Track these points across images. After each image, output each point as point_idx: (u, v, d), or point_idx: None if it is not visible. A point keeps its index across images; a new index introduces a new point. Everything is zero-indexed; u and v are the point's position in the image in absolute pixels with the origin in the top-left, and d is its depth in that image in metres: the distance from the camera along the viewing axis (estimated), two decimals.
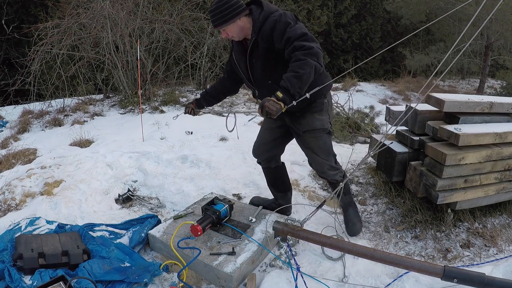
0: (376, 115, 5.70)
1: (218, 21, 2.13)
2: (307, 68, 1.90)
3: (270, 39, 2.11)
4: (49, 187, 3.16)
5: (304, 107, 2.28)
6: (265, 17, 2.13)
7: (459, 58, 10.12)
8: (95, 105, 6.35)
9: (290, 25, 2.04)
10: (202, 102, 2.69)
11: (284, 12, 2.13)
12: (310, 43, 1.97)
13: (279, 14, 2.11)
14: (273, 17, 2.10)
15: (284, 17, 2.08)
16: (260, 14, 2.15)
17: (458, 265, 2.33)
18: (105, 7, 5.75)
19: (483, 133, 2.39)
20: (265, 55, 2.17)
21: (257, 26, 2.14)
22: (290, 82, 1.90)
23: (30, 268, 2.07)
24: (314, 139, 2.41)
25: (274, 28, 2.08)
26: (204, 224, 2.36)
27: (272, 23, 2.09)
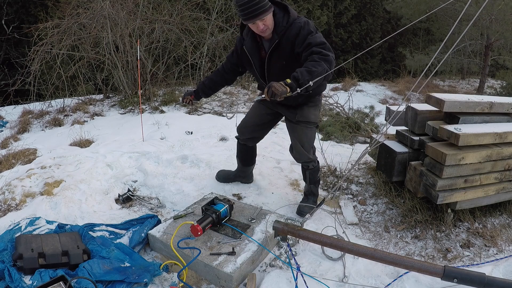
0: (376, 115, 5.69)
1: (259, 10, 2.17)
2: (320, 68, 2.05)
3: (293, 43, 2.28)
4: (49, 187, 3.16)
5: (302, 100, 2.53)
6: (291, 22, 2.28)
7: (459, 58, 10.12)
8: (95, 105, 6.35)
9: (312, 33, 2.23)
10: (201, 94, 2.83)
11: (307, 20, 2.30)
12: (327, 51, 2.15)
13: (304, 21, 2.28)
14: (298, 23, 2.26)
15: (308, 25, 2.27)
16: (284, 17, 2.30)
17: (458, 265, 2.33)
18: (105, 7, 5.75)
19: (483, 133, 2.39)
20: (285, 58, 2.33)
21: (281, 29, 2.28)
22: (301, 73, 2.02)
23: (30, 268, 2.07)
24: (305, 129, 2.64)
25: (298, 34, 2.24)
26: (204, 224, 2.36)
27: (297, 29, 2.25)
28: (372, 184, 3.27)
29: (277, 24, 2.29)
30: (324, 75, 2.07)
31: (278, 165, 3.70)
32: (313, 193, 2.94)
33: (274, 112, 2.81)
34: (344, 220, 2.87)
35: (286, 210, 2.91)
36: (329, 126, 4.94)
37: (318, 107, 2.67)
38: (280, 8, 2.33)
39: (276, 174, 3.49)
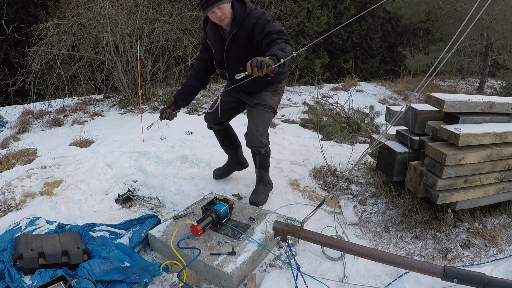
0: (376, 115, 5.68)
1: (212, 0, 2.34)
2: (288, 47, 2.24)
3: (251, 33, 2.46)
4: (49, 187, 3.16)
5: (261, 86, 2.68)
6: (248, 13, 2.47)
7: (459, 58, 10.11)
8: (95, 105, 6.35)
9: (269, 22, 2.42)
10: (180, 103, 2.91)
11: (263, 11, 2.50)
12: (287, 38, 2.33)
13: (260, 12, 2.47)
14: (255, 14, 2.46)
15: (265, 15, 2.46)
16: (241, 9, 2.48)
17: (458, 265, 2.33)
18: (105, 7, 5.75)
19: (483, 133, 2.39)
20: (243, 46, 2.51)
21: (239, 19, 2.47)
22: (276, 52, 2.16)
23: (30, 268, 2.07)
24: (262, 112, 2.74)
25: (255, 23, 2.43)
26: (204, 224, 2.36)
27: (254, 19, 2.44)
28: (372, 184, 3.27)
29: (236, 15, 2.47)
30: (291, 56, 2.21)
31: (278, 165, 3.70)
32: (264, 179, 3.01)
33: (237, 100, 2.92)
34: (344, 220, 2.87)
35: (286, 210, 2.91)
36: (329, 126, 4.94)
37: (278, 94, 2.81)
38: (238, 0, 2.51)
39: (276, 174, 3.49)
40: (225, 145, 3.22)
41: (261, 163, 2.95)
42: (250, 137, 2.74)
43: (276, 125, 5.40)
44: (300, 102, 6.89)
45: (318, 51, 13.04)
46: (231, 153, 3.26)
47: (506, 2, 7.68)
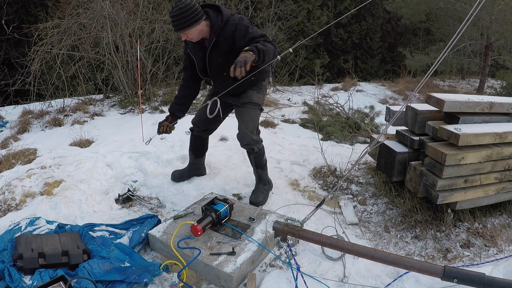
0: (376, 115, 5.67)
1: (181, 25, 2.42)
2: (269, 48, 2.33)
3: (232, 40, 2.49)
4: (49, 187, 3.16)
5: (246, 86, 2.71)
6: (225, 22, 2.50)
7: (459, 58, 10.11)
8: (95, 105, 6.35)
9: (248, 28, 2.46)
10: (177, 114, 2.93)
11: (241, 16, 2.53)
12: (270, 42, 2.40)
13: (238, 17, 2.51)
14: (232, 20, 2.49)
15: (243, 20, 2.49)
16: (218, 17, 2.51)
17: (458, 265, 2.33)
18: (105, 7, 5.75)
19: (483, 133, 2.39)
20: (225, 53, 2.54)
21: (217, 28, 2.50)
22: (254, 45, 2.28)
23: (30, 268, 2.07)
24: (249, 110, 2.79)
25: (235, 30, 2.46)
26: (204, 224, 2.36)
27: (233, 26, 2.47)
28: (372, 184, 3.27)
29: (213, 24, 2.50)
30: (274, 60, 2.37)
31: (278, 165, 3.70)
32: (262, 179, 3.03)
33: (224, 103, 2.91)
34: (344, 220, 2.87)
35: (286, 210, 2.91)
36: (329, 126, 4.94)
37: (262, 91, 2.88)
38: (213, 9, 2.56)
39: (276, 174, 3.49)
40: (193, 151, 3.26)
41: (257, 162, 2.96)
42: (241, 136, 2.79)
43: (276, 125, 5.40)
44: (300, 102, 6.89)
45: (318, 51, 13.04)
46: (195, 160, 3.31)
47: (506, 2, 7.68)
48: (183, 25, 2.41)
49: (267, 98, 7.12)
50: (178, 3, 2.40)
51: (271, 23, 8.83)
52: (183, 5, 2.38)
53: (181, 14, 2.38)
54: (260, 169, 3.00)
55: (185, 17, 2.39)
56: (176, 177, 3.33)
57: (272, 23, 8.85)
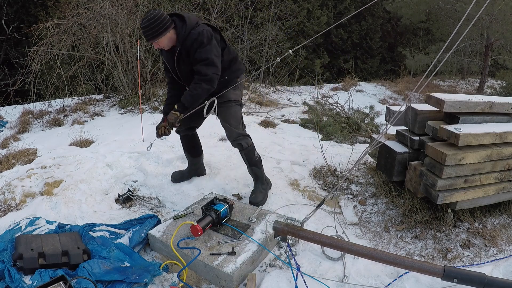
0: (376, 115, 5.67)
1: (152, 35, 2.53)
2: (200, 90, 2.59)
3: (190, 51, 2.63)
4: (49, 187, 3.16)
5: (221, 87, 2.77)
6: (187, 32, 2.60)
7: (459, 58, 10.11)
8: (95, 105, 6.35)
9: (202, 45, 2.57)
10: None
11: (201, 31, 2.59)
12: (207, 69, 2.58)
13: (198, 32, 2.58)
14: (193, 34, 2.58)
15: (201, 36, 2.57)
16: (182, 27, 2.60)
17: (458, 265, 2.33)
18: (105, 7, 5.75)
19: (483, 133, 2.39)
20: (188, 62, 2.68)
21: (181, 38, 2.61)
22: (186, 99, 2.62)
23: (30, 268, 2.07)
24: (228, 108, 2.87)
25: (192, 44, 2.59)
26: (204, 224, 2.36)
27: (191, 40, 2.59)
28: (372, 184, 3.27)
29: (178, 33, 2.61)
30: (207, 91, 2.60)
31: (278, 165, 3.70)
32: (259, 177, 3.07)
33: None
34: (344, 220, 2.87)
35: (286, 210, 2.91)
36: (329, 126, 4.94)
37: (238, 88, 2.94)
38: (179, 18, 2.64)
39: (276, 174, 3.49)
40: (188, 151, 3.29)
41: (249, 159, 3.00)
42: (227, 133, 2.90)
43: (276, 125, 5.40)
44: (300, 102, 6.89)
45: (318, 51, 13.05)
46: (193, 160, 3.34)
47: (506, 2, 7.68)
48: (153, 35, 2.54)
49: (267, 98, 7.12)
50: (147, 15, 2.53)
51: (271, 23, 8.83)
52: (151, 16, 2.51)
53: (151, 25, 2.50)
54: (254, 166, 3.04)
55: (155, 27, 2.52)
56: (176, 178, 3.34)
57: (272, 23, 8.85)
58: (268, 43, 8.76)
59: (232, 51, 2.88)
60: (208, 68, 2.58)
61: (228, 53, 2.80)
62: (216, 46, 2.63)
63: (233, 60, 2.85)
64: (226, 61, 2.79)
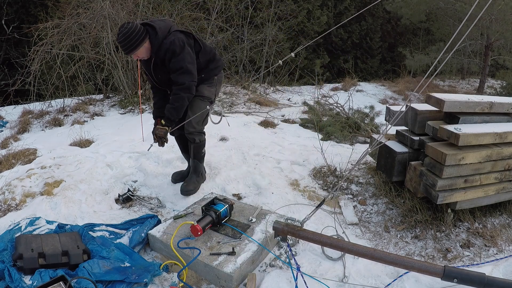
0: (376, 115, 5.67)
1: (129, 48, 2.61)
2: (180, 101, 2.71)
3: (164, 60, 2.70)
4: (49, 187, 3.16)
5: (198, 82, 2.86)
6: (160, 42, 2.66)
7: (459, 58, 10.11)
8: (95, 105, 6.35)
9: (175, 54, 2.64)
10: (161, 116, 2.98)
11: (173, 40, 2.64)
12: (183, 78, 2.66)
13: (170, 41, 2.64)
14: (165, 43, 2.65)
15: (173, 45, 2.63)
16: (155, 37, 2.66)
17: (458, 265, 2.33)
18: (105, 7, 5.75)
19: (483, 133, 2.39)
20: (164, 70, 2.76)
21: (154, 48, 2.68)
22: (169, 112, 2.74)
23: (30, 268, 2.07)
24: (198, 101, 2.93)
25: (165, 54, 2.66)
26: (204, 224, 2.36)
27: (164, 50, 2.66)
28: (372, 184, 3.27)
29: (152, 43, 2.67)
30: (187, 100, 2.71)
31: (278, 165, 3.70)
32: (197, 170, 3.19)
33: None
34: (344, 220, 2.87)
35: (286, 210, 2.91)
36: (329, 126, 4.94)
37: (214, 85, 3.03)
38: (151, 28, 2.68)
39: (276, 174, 3.49)
40: (186, 151, 3.32)
41: (195, 152, 3.13)
42: (186, 124, 2.92)
43: (276, 125, 5.40)
44: (300, 102, 6.89)
45: (318, 51, 13.05)
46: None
47: (506, 2, 7.68)
48: (130, 48, 2.61)
49: (267, 98, 7.12)
50: (122, 29, 2.58)
51: (271, 23, 8.84)
52: (126, 30, 2.56)
53: (126, 39, 2.56)
54: (197, 160, 3.17)
55: (131, 41, 2.57)
56: (177, 179, 3.34)
57: (272, 23, 8.85)
58: (268, 43, 8.77)
59: (209, 51, 2.94)
60: (183, 77, 2.66)
61: (204, 54, 2.88)
62: (189, 53, 2.70)
63: (210, 59, 2.93)
64: (203, 62, 2.88)
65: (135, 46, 2.61)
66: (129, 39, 2.57)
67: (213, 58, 2.96)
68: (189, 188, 3.10)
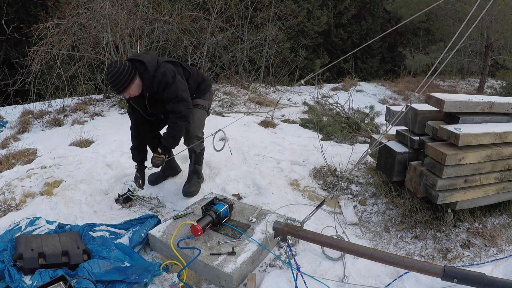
0: (376, 115, 5.67)
1: (120, 88, 2.62)
2: (178, 129, 2.73)
3: (158, 91, 2.72)
4: (49, 187, 3.16)
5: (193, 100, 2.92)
6: (151, 77, 2.68)
7: (459, 58, 10.10)
8: (95, 105, 6.35)
9: (168, 85, 2.67)
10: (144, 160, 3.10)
11: (164, 72, 2.67)
12: (179, 107, 2.69)
13: (161, 73, 2.67)
14: (156, 77, 2.67)
15: (165, 77, 2.66)
16: (146, 72, 2.67)
17: (458, 265, 2.33)
18: (105, 7, 5.75)
19: (483, 133, 2.39)
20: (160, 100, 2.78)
21: (146, 83, 2.69)
22: (167, 141, 2.76)
23: (30, 268, 2.07)
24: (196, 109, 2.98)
25: (158, 86, 2.69)
26: (204, 224, 2.37)
27: (157, 83, 2.68)
28: (372, 184, 3.27)
29: (143, 79, 2.69)
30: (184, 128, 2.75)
31: (278, 165, 3.70)
32: (197, 171, 3.23)
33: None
34: (344, 220, 2.87)
35: (286, 210, 2.91)
36: (329, 126, 4.93)
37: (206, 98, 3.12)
38: (140, 63, 2.69)
39: (276, 174, 3.49)
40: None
41: (196, 160, 3.20)
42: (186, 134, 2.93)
43: (276, 125, 5.40)
44: (300, 102, 6.89)
45: (318, 51, 13.05)
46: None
47: (506, 2, 7.67)
48: (121, 88, 2.62)
49: (267, 98, 7.12)
50: (110, 69, 2.57)
51: (271, 23, 8.84)
52: (115, 70, 2.56)
53: (116, 79, 2.57)
54: (198, 164, 3.22)
55: (121, 81, 2.58)
56: (152, 181, 3.33)
57: (272, 23, 8.85)
58: (268, 43, 8.77)
59: (197, 75, 3.03)
60: (179, 105, 2.69)
61: (194, 79, 2.97)
62: (181, 82, 2.74)
63: (200, 82, 3.04)
64: (194, 86, 2.98)
65: (126, 85, 2.61)
66: (119, 79, 2.58)
67: (202, 80, 3.06)
68: (191, 189, 3.11)
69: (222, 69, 8.30)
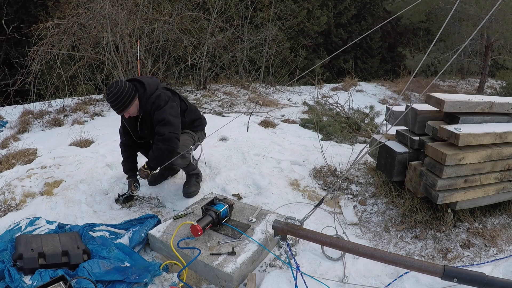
0: (376, 115, 5.67)
1: (120, 108, 2.66)
2: (159, 152, 2.71)
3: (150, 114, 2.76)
4: (49, 187, 3.16)
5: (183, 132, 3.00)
6: (147, 98, 2.74)
7: (459, 58, 10.09)
8: (95, 105, 6.35)
9: (159, 107, 2.72)
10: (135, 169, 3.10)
11: (159, 94, 2.73)
12: (163, 129, 2.69)
13: (156, 96, 2.72)
14: (151, 99, 2.73)
15: (159, 99, 2.72)
16: (144, 93, 2.73)
17: (458, 265, 2.33)
18: (105, 7, 5.75)
19: (483, 133, 2.39)
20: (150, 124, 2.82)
21: (143, 103, 2.75)
22: (151, 160, 2.81)
23: (30, 268, 2.07)
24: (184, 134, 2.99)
25: (151, 108, 2.73)
26: (204, 224, 2.37)
27: (150, 104, 2.73)
28: (372, 184, 3.27)
29: (140, 99, 2.74)
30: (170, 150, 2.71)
31: (278, 165, 3.70)
32: (195, 173, 3.22)
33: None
34: (344, 220, 2.87)
35: (286, 210, 2.91)
36: (329, 126, 4.94)
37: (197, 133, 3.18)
38: (140, 84, 2.75)
39: (276, 174, 3.49)
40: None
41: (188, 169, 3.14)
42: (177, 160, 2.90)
43: (276, 125, 5.40)
44: (300, 102, 6.89)
45: (318, 51, 13.05)
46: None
47: (506, 2, 7.67)
48: (122, 107, 2.66)
49: (267, 98, 7.12)
50: (111, 89, 2.62)
51: (271, 23, 8.84)
52: (116, 90, 2.60)
53: (117, 99, 2.61)
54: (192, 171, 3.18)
55: (121, 100, 2.63)
56: (152, 181, 3.33)
57: (272, 23, 8.86)
58: (268, 43, 8.77)
59: (194, 110, 3.06)
60: (164, 128, 2.69)
61: (190, 113, 3.00)
62: (173, 107, 2.77)
63: (196, 119, 3.10)
64: (188, 121, 3.01)
65: (127, 105, 2.66)
66: (120, 99, 2.62)
67: (198, 118, 3.12)
68: (191, 190, 3.12)
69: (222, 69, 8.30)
